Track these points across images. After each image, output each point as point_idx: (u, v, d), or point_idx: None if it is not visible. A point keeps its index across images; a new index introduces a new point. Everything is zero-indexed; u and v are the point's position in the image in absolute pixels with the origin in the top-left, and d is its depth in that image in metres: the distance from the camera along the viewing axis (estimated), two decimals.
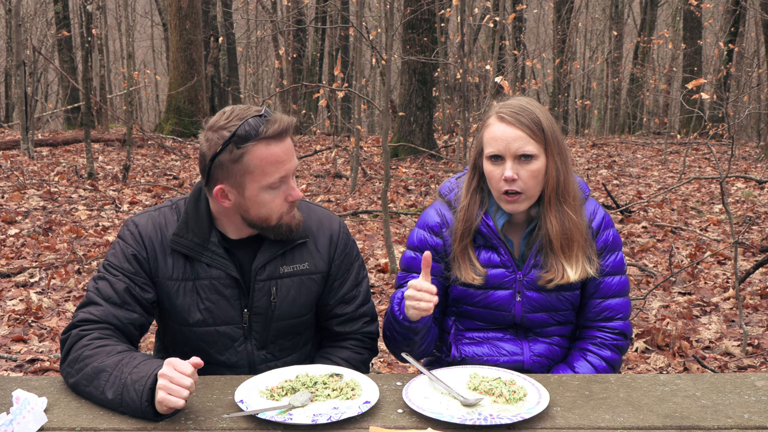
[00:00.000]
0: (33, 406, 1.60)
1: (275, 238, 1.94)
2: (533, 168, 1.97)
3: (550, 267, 2.04)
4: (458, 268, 2.07)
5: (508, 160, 1.97)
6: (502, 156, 1.98)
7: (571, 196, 2.03)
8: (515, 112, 1.98)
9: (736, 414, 1.65)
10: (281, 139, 1.82)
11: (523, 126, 1.97)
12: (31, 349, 4.10)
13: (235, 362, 2.01)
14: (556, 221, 2.01)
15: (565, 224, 2.01)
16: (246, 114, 1.81)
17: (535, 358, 2.13)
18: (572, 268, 2.02)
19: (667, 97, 21.07)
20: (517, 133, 1.96)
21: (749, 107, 15.27)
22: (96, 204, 8.15)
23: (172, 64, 14.59)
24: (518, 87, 14.43)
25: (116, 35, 27.12)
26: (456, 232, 2.08)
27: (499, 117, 2.00)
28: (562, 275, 2.02)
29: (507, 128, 1.98)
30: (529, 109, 1.99)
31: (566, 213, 2.01)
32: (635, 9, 25.66)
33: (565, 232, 2.01)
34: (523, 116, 1.98)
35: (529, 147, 1.96)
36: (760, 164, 12.52)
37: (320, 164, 12.24)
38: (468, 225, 2.06)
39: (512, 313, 2.10)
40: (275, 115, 1.83)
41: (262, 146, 1.80)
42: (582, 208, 2.08)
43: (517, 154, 1.97)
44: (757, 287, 5.26)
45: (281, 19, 16.76)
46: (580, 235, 2.03)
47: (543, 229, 2.03)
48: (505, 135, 1.97)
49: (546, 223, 2.02)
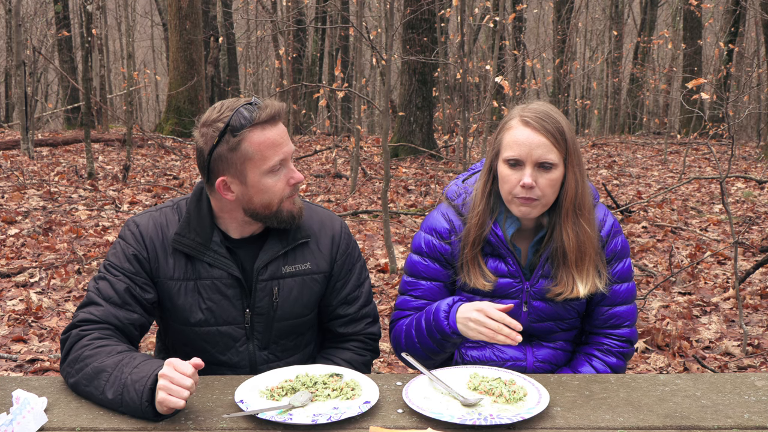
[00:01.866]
0: (33, 406, 1.60)
1: (278, 226, 1.94)
2: (552, 177, 1.91)
3: (560, 280, 2.00)
4: (468, 273, 2.03)
5: (528, 166, 1.90)
6: (522, 161, 1.91)
7: (587, 208, 1.99)
8: (540, 118, 1.91)
9: (736, 414, 1.65)
10: (274, 123, 1.86)
11: (548, 133, 1.90)
12: (31, 349, 4.10)
13: (236, 362, 2.01)
14: (573, 234, 1.96)
15: (581, 237, 1.96)
16: (236, 104, 1.85)
17: (538, 364, 2.12)
18: (582, 282, 1.98)
19: (667, 97, 21.06)
20: (541, 139, 1.89)
21: (749, 107, 15.27)
22: (96, 204, 8.15)
23: (172, 64, 14.58)
24: (518, 87, 14.41)
25: (116, 35, 27.11)
26: (468, 237, 2.02)
27: (523, 121, 1.92)
28: (572, 290, 1.99)
29: (531, 133, 1.90)
30: (553, 117, 1.92)
31: (582, 226, 1.97)
32: (635, 9, 25.65)
33: (579, 245, 1.97)
34: (549, 123, 1.91)
35: (552, 156, 1.90)
36: (760, 164, 12.52)
37: (320, 164, 12.24)
38: (481, 231, 2.01)
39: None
40: (265, 102, 1.86)
41: (258, 131, 1.83)
42: (594, 218, 2.03)
43: (539, 162, 1.90)
44: (757, 287, 5.26)
45: (281, 19, 16.75)
46: (592, 248, 1.99)
47: (557, 241, 1.98)
48: (528, 140, 1.90)
49: (562, 235, 1.97)
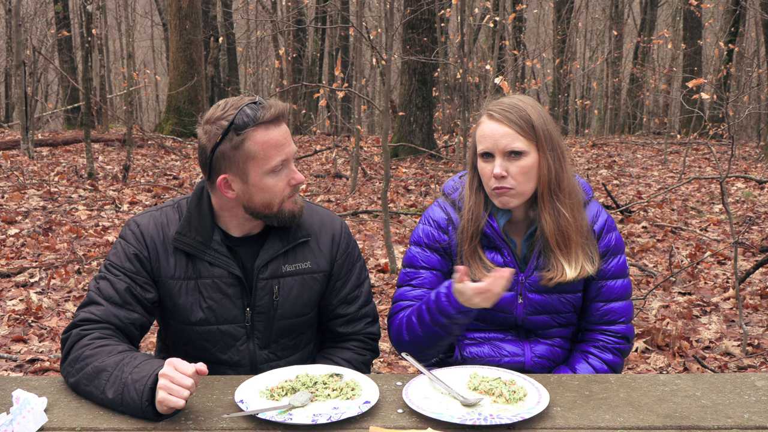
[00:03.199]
0: (33, 406, 1.60)
1: (279, 225, 1.95)
2: (523, 164, 1.97)
3: (550, 266, 2.03)
4: (469, 268, 2.03)
5: (497, 156, 1.98)
6: (491, 153, 1.99)
7: (566, 193, 2.02)
8: (504, 110, 1.98)
9: (736, 414, 1.65)
10: (278, 123, 1.86)
11: (511, 123, 1.97)
12: (31, 349, 4.10)
13: (237, 361, 2.01)
14: (551, 219, 2.00)
15: (560, 222, 2.00)
16: (240, 103, 1.85)
17: (536, 359, 2.13)
18: (570, 265, 2.01)
19: (667, 97, 21.07)
20: (504, 129, 1.97)
21: (749, 107, 15.26)
22: (96, 204, 8.15)
23: (172, 64, 14.59)
24: (518, 87, 14.42)
25: (116, 35, 27.12)
26: (465, 232, 2.07)
27: (488, 115, 2.01)
28: (562, 273, 2.01)
29: (495, 125, 1.98)
30: (518, 106, 1.99)
31: (560, 211, 2.00)
32: (635, 9, 25.66)
33: (560, 229, 2.00)
34: (512, 113, 1.97)
35: (518, 143, 1.96)
36: (760, 164, 12.52)
37: (320, 164, 12.24)
38: (476, 225, 2.06)
39: (514, 314, 2.10)
40: (269, 101, 1.87)
41: (261, 131, 1.83)
42: (581, 207, 2.06)
43: (506, 151, 1.97)
44: (757, 287, 5.26)
45: (281, 19, 16.76)
46: (577, 233, 2.02)
47: (539, 227, 2.03)
48: (493, 132, 1.98)
49: (541, 220, 2.02)
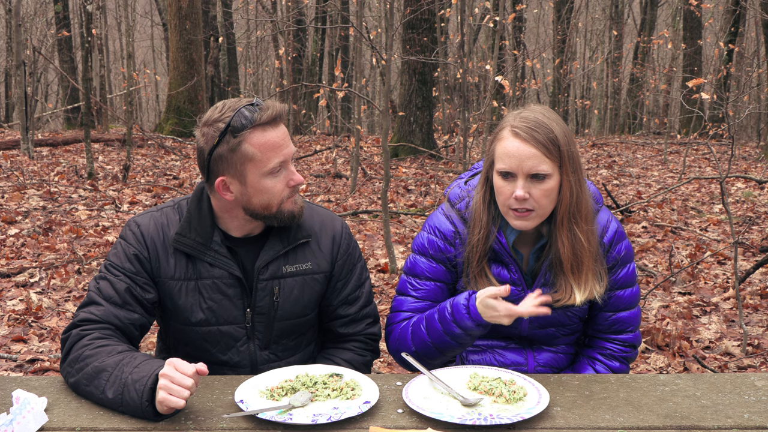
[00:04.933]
0: (33, 406, 1.60)
1: (279, 225, 1.94)
2: (546, 187, 1.87)
3: (559, 287, 1.98)
4: (476, 284, 2.00)
5: (520, 178, 1.86)
6: (513, 173, 1.87)
7: (584, 216, 1.94)
8: (530, 128, 1.85)
9: (736, 414, 1.65)
10: (276, 124, 1.85)
11: (538, 144, 1.84)
12: (31, 349, 4.10)
13: (237, 362, 2.01)
14: (568, 243, 1.93)
15: (576, 247, 1.93)
16: (238, 105, 1.84)
17: (539, 368, 2.11)
18: (580, 290, 1.95)
19: (667, 97, 21.07)
20: (531, 151, 1.84)
21: (749, 107, 15.24)
22: (96, 204, 8.15)
23: (172, 64, 14.58)
24: (518, 87, 14.41)
25: (116, 35, 27.11)
26: (476, 248, 1.99)
27: (513, 132, 1.87)
28: (570, 296, 1.96)
29: (521, 145, 1.85)
30: (545, 125, 1.86)
31: (577, 235, 1.93)
32: (635, 9, 25.65)
33: (575, 254, 1.93)
34: (539, 132, 1.85)
35: (544, 166, 1.85)
36: (760, 164, 12.52)
37: (320, 164, 12.24)
38: (488, 243, 1.98)
39: (519, 328, 2.07)
40: (267, 103, 1.86)
41: (259, 132, 1.83)
42: (594, 225, 1.99)
43: (530, 173, 1.85)
44: (757, 287, 5.25)
45: (281, 19, 16.74)
46: (589, 257, 1.95)
47: (554, 249, 1.96)
48: (518, 152, 1.85)
49: (557, 243, 1.94)
